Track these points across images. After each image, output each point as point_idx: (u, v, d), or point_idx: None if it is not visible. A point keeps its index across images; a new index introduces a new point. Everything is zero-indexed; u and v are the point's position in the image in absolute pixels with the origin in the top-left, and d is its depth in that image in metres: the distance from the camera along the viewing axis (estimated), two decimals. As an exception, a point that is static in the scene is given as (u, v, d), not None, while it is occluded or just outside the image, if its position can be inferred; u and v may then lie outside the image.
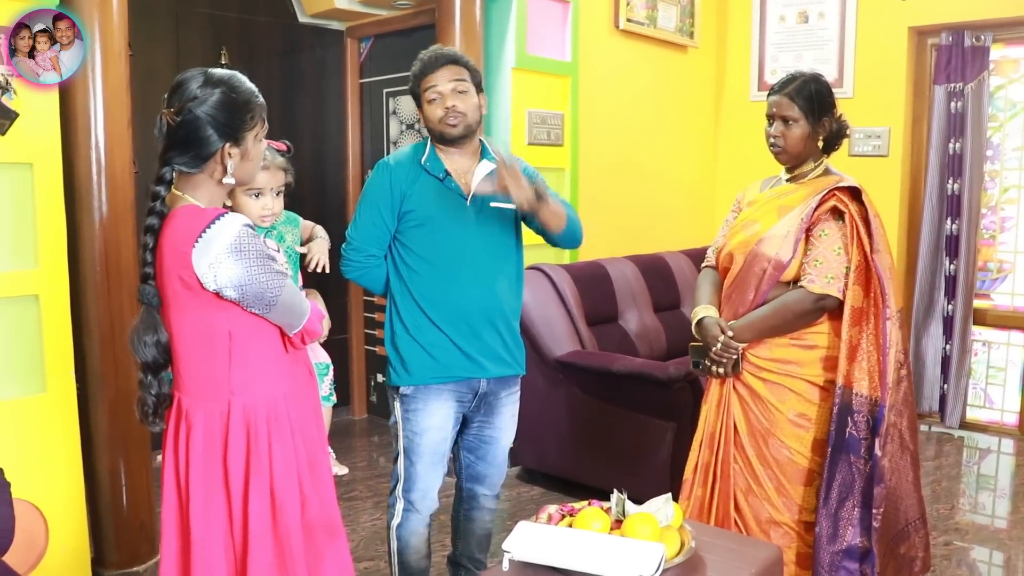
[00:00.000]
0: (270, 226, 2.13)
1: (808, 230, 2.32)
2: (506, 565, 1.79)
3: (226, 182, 1.74)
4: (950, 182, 4.64)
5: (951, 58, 4.57)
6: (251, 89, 1.78)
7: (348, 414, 5.12)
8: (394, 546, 2.50)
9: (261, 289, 1.69)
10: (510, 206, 2.39)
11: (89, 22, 2.67)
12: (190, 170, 1.73)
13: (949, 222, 4.67)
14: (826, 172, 2.43)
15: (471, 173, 2.42)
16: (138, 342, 1.74)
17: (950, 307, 4.69)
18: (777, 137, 2.40)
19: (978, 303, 4.75)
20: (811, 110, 2.36)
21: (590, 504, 2.00)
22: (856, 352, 2.26)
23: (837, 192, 2.30)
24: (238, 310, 1.71)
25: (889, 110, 4.74)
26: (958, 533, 3.47)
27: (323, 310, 2.06)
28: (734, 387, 2.44)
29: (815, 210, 2.30)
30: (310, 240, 2.45)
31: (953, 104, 4.59)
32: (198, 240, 1.64)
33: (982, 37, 4.50)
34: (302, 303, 1.80)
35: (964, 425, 4.76)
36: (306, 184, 4.73)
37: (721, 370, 2.41)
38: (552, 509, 2.01)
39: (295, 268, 2.11)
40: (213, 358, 1.74)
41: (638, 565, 1.70)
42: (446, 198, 2.38)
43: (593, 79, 4.52)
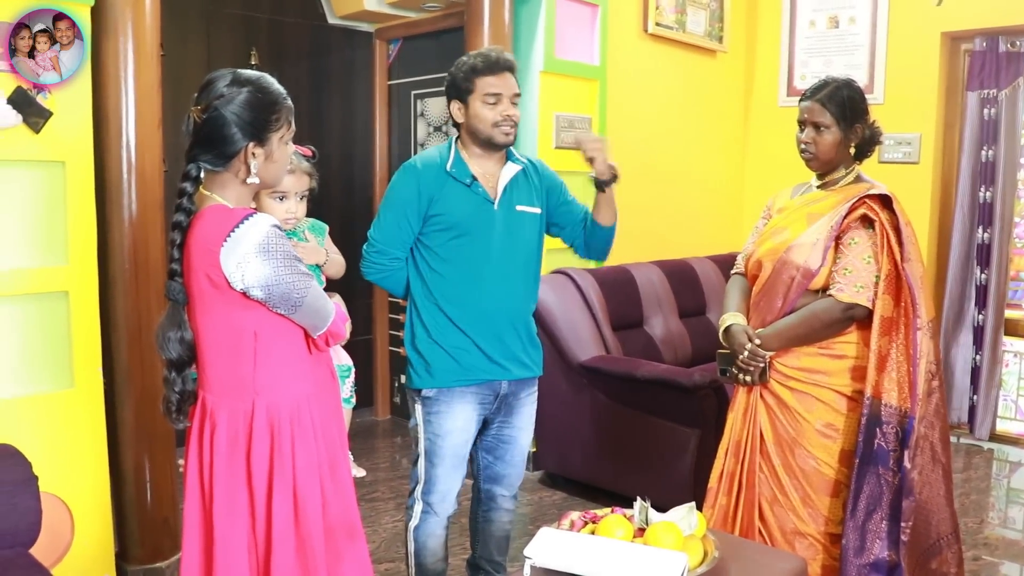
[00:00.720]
0: (293, 229, 2.14)
1: (838, 238, 2.29)
2: (527, 571, 1.78)
3: (250, 182, 1.75)
4: (982, 190, 4.57)
5: (985, 64, 4.50)
6: (279, 91, 1.79)
7: (371, 415, 5.14)
8: (411, 548, 2.51)
9: (288, 290, 1.70)
10: (536, 210, 2.41)
11: (122, 22, 2.70)
12: (215, 168, 1.74)
13: (981, 230, 4.59)
14: (857, 179, 2.40)
15: (497, 177, 2.42)
16: (163, 339, 1.76)
17: (981, 317, 4.61)
18: (808, 143, 2.38)
19: (1010, 313, 4.66)
20: (843, 116, 2.33)
21: (613, 511, 1.99)
22: (885, 362, 2.23)
23: (867, 200, 2.27)
24: (264, 310, 1.72)
25: (920, 116, 4.68)
26: (987, 548, 3.41)
27: (345, 313, 2.06)
28: (761, 395, 2.41)
29: (845, 218, 2.27)
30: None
31: (986, 111, 4.52)
32: (227, 239, 1.65)
33: (1017, 43, 4.43)
34: (327, 305, 1.80)
35: (994, 437, 4.67)
36: (334, 185, 4.76)
37: (748, 378, 2.39)
38: (575, 516, 2.00)
39: (317, 272, 2.11)
40: (238, 357, 1.75)
41: (660, 574, 1.69)
42: (473, 203, 2.38)
43: (621, 83, 4.50)
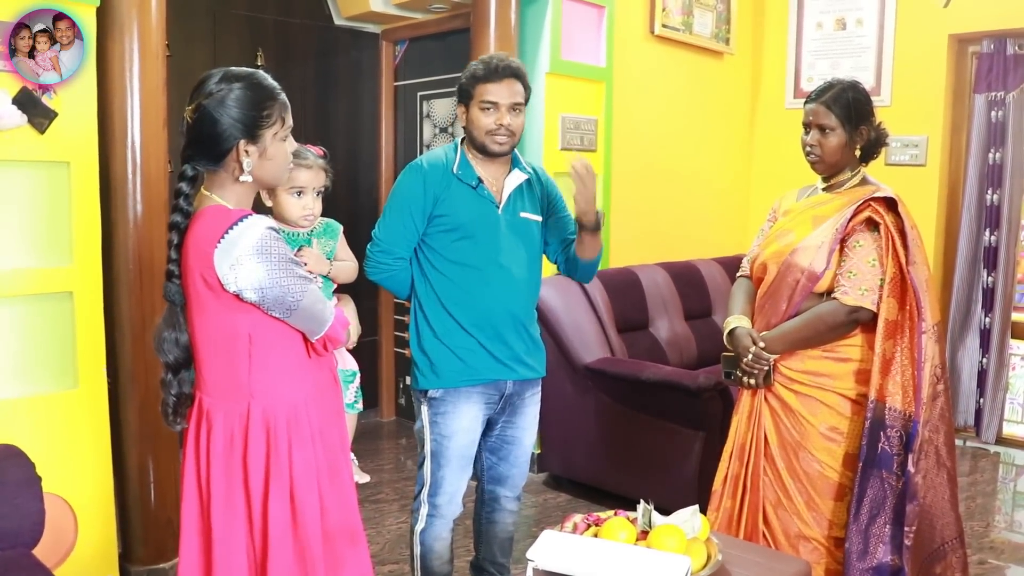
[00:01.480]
0: (308, 232, 2.13)
1: (843, 241, 2.28)
2: (530, 574, 1.77)
3: (243, 180, 1.73)
4: (989, 192, 4.55)
5: (992, 66, 4.48)
6: (271, 87, 1.77)
7: (376, 416, 5.13)
8: (417, 551, 2.50)
9: (282, 292, 1.69)
10: (538, 218, 2.42)
11: (128, 22, 2.70)
12: (209, 167, 1.74)
13: (987, 233, 4.58)
14: (863, 182, 2.39)
15: (503, 181, 2.43)
16: (160, 340, 1.76)
17: (987, 320, 4.60)
18: (813, 146, 2.37)
19: (1016, 316, 4.64)
20: (848, 118, 2.32)
21: (616, 514, 1.98)
22: (890, 366, 2.22)
23: (872, 203, 2.26)
24: (259, 313, 1.71)
25: (927, 119, 4.66)
26: (993, 551, 3.39)
27: (351, 317, 2.05)
28: (765, 399, 2.41)
29: (850, 220, 2.27)
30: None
31: (994, 113, 4.50)
32: (221, 240, 1.65)
33: (1025, 45, 4.42)
34: (324, 309, 1.79)
35: (1000, 440, 4.65)
36: (339, 186, 4.71)
37: (752, 381, 2.38)
38: (578, 518, 1.99)
39: (327, 277, 2.10)
40: (233, 360, 1.74)
41: (663, 578, 1.68)
42: (479, 205, 2.39)
43: (627, 84, 4.49)
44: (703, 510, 2.44)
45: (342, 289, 2.19)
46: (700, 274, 4.63)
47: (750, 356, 2.34)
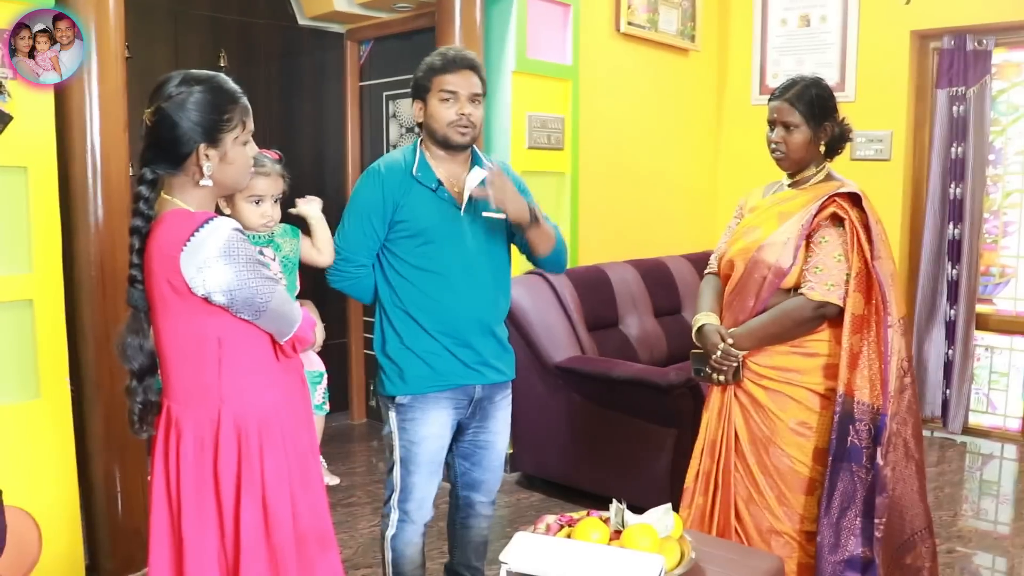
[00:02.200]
0: (269, 235, 2.11)
1: (808, 236, 2.30)
2: (503, 576, 1.76)
3: (203, 184, 1.70)
4: (952, 186, 4.61)
5: (953, 62, 4.55)
6: (232, 90, 1.74)
7: (347, 419, 5.10)
8: (388, 557, 2.47)
9: (251, 294, 1.67)
10: (501, 216, 2.38)
11: (85, 24, 2.64)
12: (169, 171, 1.71)
13: (951, 227, 4.64)
14: (828, 177, 2.41)
15: (462, 180, 2.38)
16: (124, 347, 1.73)
17: (952, 312, 4.66)
18: (778, 143, 2.38)
19: (980, 308, 4.72)
20: (812, 115, 2.34)
21: (589, 514, 1.97)
22: (857, 360, 2.23)
23: (837, 198, 2.27)
24: (228, 316, 1.69)
25: (891, 114, 4.72)
26: (961, 540, 3.44)
27: (316, 318, 2.02)
28: (735, 395, 2.42)
29: (815, 216, 2.28)
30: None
31: (955, 108, 4.57)
32: (187, 244, 1.62)
33: (984, 41, 4.48)
34: (293, 310, 1.77)
35: (967, 431, 4.73)
36: (305, 187, 4.65)
37: (722, 377, 2.39)
38: (550, 519, 1.98)
39: (292, 278, 2.08)
40: (202, 365, 1.71)
41: (637, 577, 1.68)
42: (440, 209, 2.33)
43: (594, 83, 4.50)
44: (676, 506, 2.46)
45: (304, 294, 2.16)
46: (669, 271, 4.64)
47: (719, 353, 2.35)
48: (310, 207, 2.26)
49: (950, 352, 4.68)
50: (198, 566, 1.72)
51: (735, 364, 2.35)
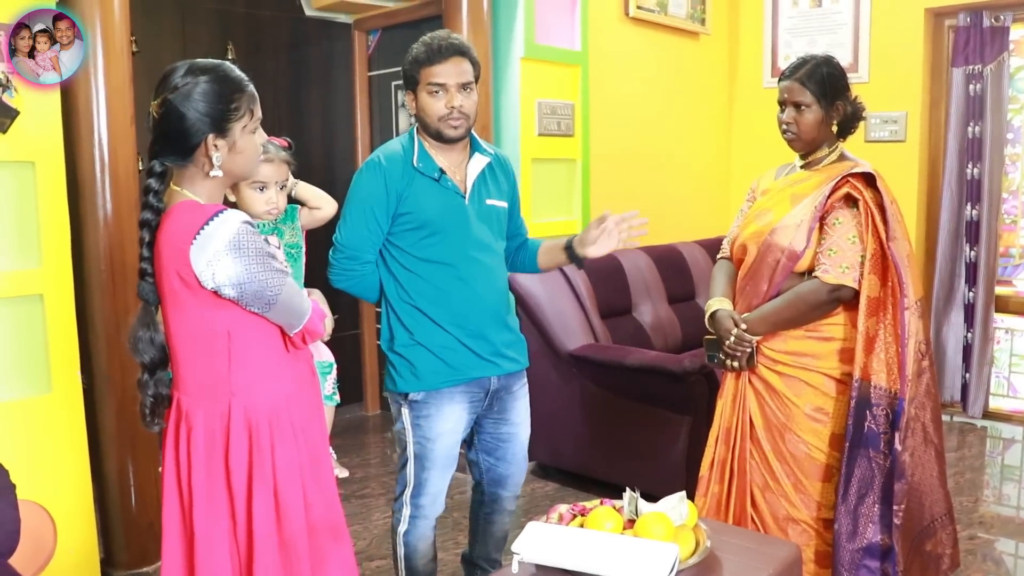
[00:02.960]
0: (273, 223, 2.09)
1: (822, 218, 2.25)
2: (515, 567, 1.74)
3: (213, 175, 1.69)
4: (969, 167, 4.54)
5: (969, 39, 4.47)
6: (238, 78, 1.72)
7: (361, 410, 5.10)
8: (400, 552, 2.44)
9: (260, 287, 1.65)
10: (503, 204, 2.35)
11: (90, 18, 2.64)
12: (179, 163, 1.69)
13: (969, 208, 4.57)
14: (841, 158, 2.36)
15: (464, 168, 2.33)
16: (135, 340, 1.72)
17: (971, 294, 4.60)
18: (789, 123, 2.34)
19: (999, 290, 4.65)
20: (823, 94, 2.29)
21: (602, 503, 1.95)
22: (873, 343, 2.19)
23: (850, 178, 2.23)
24: (237, 309, 1.67)
25: (906, 94, 4.64)
26: (982, 526, 3.40)
27: (325, 309, 2.00)
28: (749, 381, 2.38)
29: (828, 197, 2.24)
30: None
31: (972, 87, 4.49)
32: (196, 237, 1.60)
33: (1001, 17, 4.40)
34: (303, 302, 1.75)
35: (987, 415, 4.66)
36: (315, 178, 4.66)
37: (735, 364, 2.35)
38: (563, 509, 1.96)
39: (298, 265, 2.06)
40: (212, 358, 1.70)
41: (651, 567, 1.65)
42: (444, 198, 2.28)
43: (603, 68, 4.45)
44: (691, 495, 2.43)
45: (311, 283, 2.14)
46: (683, 257, 4.60)
47: (732, 338, 2.32)
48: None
49: (969, 335, 4.62)
50: (210, 558, 1.72)
51: (749, 350, 2.32)
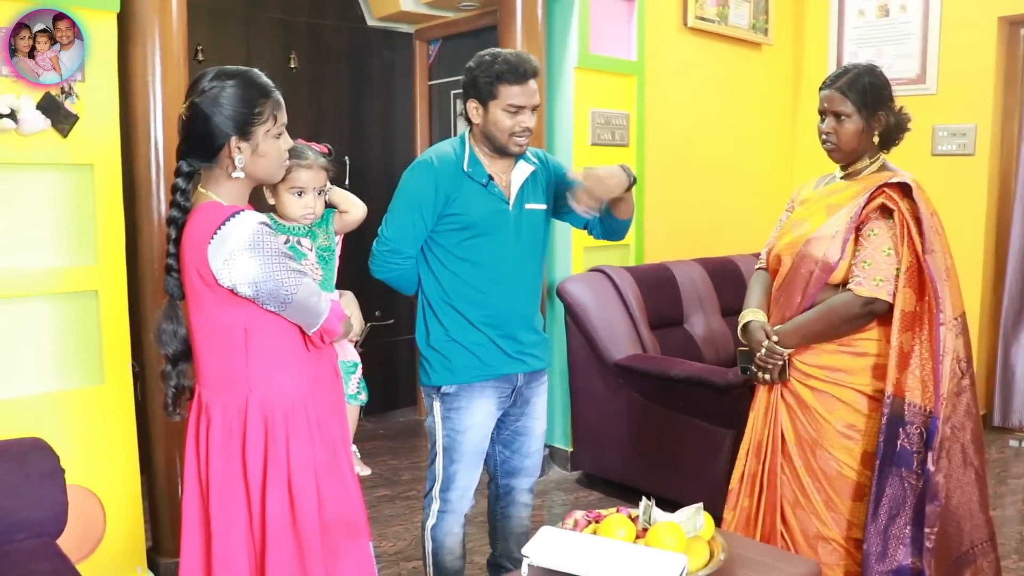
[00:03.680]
0: (308, 226, 2.15)
1: (857, 229, 2.20)
2: (525, 571, 1.75)
3: (235, 176, 1.76)
4: (1043, 181, 4.36)
5: (1046, 49, 4.30)
6: (264, 84, 1.78)
7: (415, 414, 5.16)
8: (428, 547, 2.51)
9: (276, 287, 1.70)
10: (542, 207, 2.42)
11: (149, 28, 2.76)
12: (203, 164, 1.77)
13: (1042, 224, 4.39)
14: (882, 168, 2.31)
15: (509, 175, 2.42)
16: (160, 333, 1.79)
17: (1042, 315, 4.41)
18: (829, 133, 2.29)
19: (1074, 311, 4.45)
20: (865, 104, 2.24)
21: (618, 511, 1.95)
22: (908, 359, 2.13)
23: (886, 188, 2.17)
24: (254, 307, 1.73)
25: (976, 106, 4.48)
26: (1040, 556, 3.25)
27: (353, 309, 2.05)
28: (782, 395, 2.34)
29: (864, 208, 2.19)
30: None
31: (1048, 98, 4.32)
32: (214, 236, 1.67)
33: (1080, 27, 4.23)
34: (319, 302, 1.79)
35: (1058, 440, 4.47)
36: (374, 185, 4.79)
37: (767, 376, 2.32)
38: (579, 515, 1.97)
39: (329, 268, 2.11)
40: (230, 354, 1.76)
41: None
42: (489, 203, 2.37)
43: (660, 78, 4.43)
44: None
45: (343, 285, 2.18)
46: (738, 269, 4.53)
47: (763, 350, 2.28)
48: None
49: (1039, 357, 4.43)
50: (226, 549, 1.78)
51: (780, 363, 2.28)
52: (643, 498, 1.93)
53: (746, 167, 5.09)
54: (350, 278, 2.37)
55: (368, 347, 4.77)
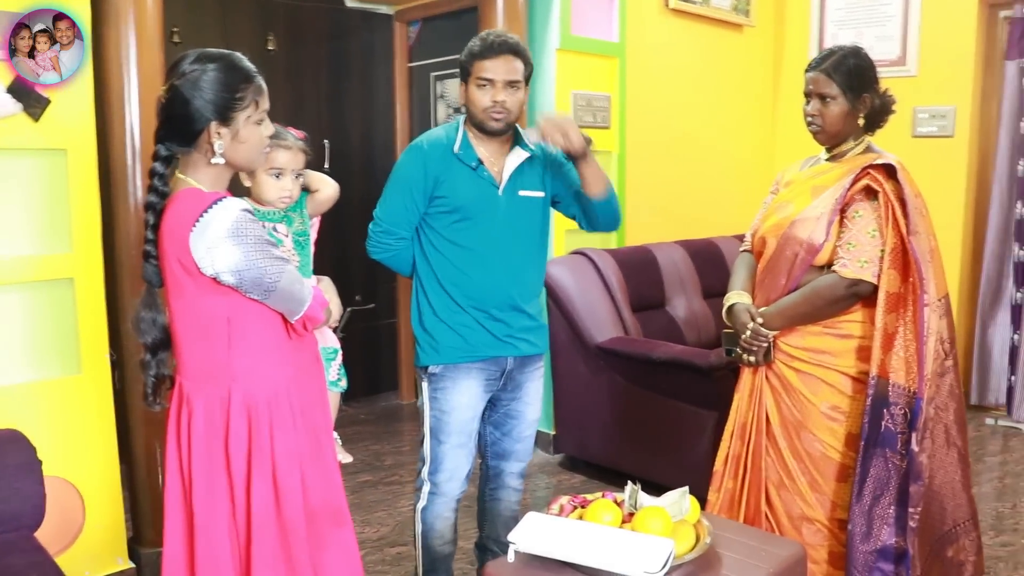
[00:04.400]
0: (282, 211, 2.11)
1: (842, 211, 2.20)
2: (511, 556, 1.75)
3: (214, 162, 1.71)
4: (1021, 164, 4.39)
5: (1024, 31, 4.32)
6: (246, 69, 1.74)
7: (396, 399, 5.15)
8: (418, 529, 2.51)
9: (259, 274, 1.67)
10: (539, 194, 2.41)
11: (123, 9, 2.70)
12: (182, 149, 1.72)
13: (1020, 206, 4.42)
14: (867, 151, 2.31)
15: (503, 161, 2.40)
16: (138, 321, 1.76)
17: (1019, 295, 4.45)
18: (814, 116, 2.29)
19: (1051, 291, 4.49)
20: (850, 86, 2.23)
21: (604, 496, 1.94)
22: (892, 340, 2.14)
23: (871, 170, 2.17)
24: (237, 295, 1.70)
25: (955, 88, 4.50)
26: (1017, 532, 3.29)
27: (334, 297, 2.02)
28: (766, 377, 2.34)
29: (848, 190, 2.18)
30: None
31: (1026, 80, 4.34)
32: (196, 223, 1.63)
33: (1059, 8, 4.25)
34: (303, 290, 1.77)
35: (1034, 419, 4.52)
36: (354, 169, 4.76)
37: (752, 358, 2.32)
38: (564, 500, 1.96)
39: (306, 253, 2.07)
40: (212, 343, 1.73)
41: (644, 561, 1.64)
42: (478, 187, 2.37)
43: (642, 60, 4.41)
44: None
45: (320, 270, 2.16)
46: (720, 251, 4.53)
47: (748, 332, 2.28)
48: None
49: (1016, 336, 4.47)
50: (210, 541, 1.75)
51: (765, 344, 2.28)
52: (628, 483, 1.92)
53: (728, 149, 5.08)
54: (329, 263, 2.34)
55: (349, 332, 4.74)
